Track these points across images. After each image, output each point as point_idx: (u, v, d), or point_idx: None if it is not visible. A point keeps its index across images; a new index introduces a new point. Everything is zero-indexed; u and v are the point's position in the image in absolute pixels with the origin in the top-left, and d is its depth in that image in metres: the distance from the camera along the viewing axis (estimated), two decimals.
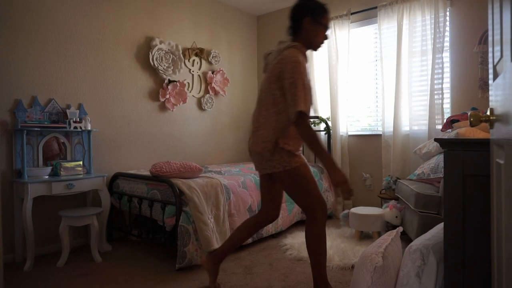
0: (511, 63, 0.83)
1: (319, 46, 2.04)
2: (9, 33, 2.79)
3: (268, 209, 2.20)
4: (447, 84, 3.48)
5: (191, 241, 2.54)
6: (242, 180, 3.14)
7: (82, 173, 3.00)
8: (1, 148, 2.76)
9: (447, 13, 3.43)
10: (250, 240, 3.03)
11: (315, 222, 1.99)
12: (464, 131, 2.47)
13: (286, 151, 1.95)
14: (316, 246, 1.99)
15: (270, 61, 2.02)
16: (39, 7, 2.94)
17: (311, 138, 1.85)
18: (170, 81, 3.87)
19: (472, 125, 1.15)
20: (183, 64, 3.97)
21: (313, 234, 2.00)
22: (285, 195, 3.50)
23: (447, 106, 3.49)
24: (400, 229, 1.91)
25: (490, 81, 1.21)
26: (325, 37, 2.02)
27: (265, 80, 1.99)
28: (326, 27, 2.00)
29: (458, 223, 1.40)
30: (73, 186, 2.84)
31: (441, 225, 1.80)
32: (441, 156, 2.82)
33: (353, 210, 3.20)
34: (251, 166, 3.96)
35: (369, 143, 4.04)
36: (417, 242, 1.61)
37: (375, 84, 4.03)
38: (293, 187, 2.00)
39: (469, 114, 1.16)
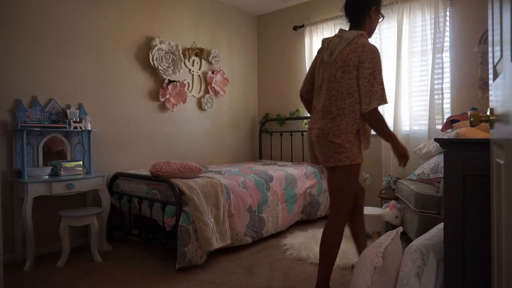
0: (511, 63, 0.83)
1: (373, 34, 2.11)
2: (9, 33, 2.79)
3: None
4: (447, 84, 3.47)
5: (191, 241, 2.54)
6: (242, 180, 3.14)
7: (82, 173, 3.00)
8: (1, 148, 2.75)
9: (447, 13, 3.43)
10: (250, 240, 3.03)
11: (340, 221, 2.00)
12: (464, 131, 2.47)
13: (359, 144, 1.98)
14: (331, 245, 2.00)
15: (334, 49, 1.97)
16: (39, 7, 2.94)
17: (382, 122, 1.92)
18: (170, 81, 3.87)
19: (472, 125, 1.15)
20: (183, 64, 3.97)
21: (332, 232, 2.00)
22: (285, 196, 3.50)
23: (447, 106, 3.49)
24: (400, 229, 1.91)
25: (490, 81, 1.21)
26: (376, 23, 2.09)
27: (336, 68, 1.94)
28: (382, 16, 2.09)
29: (458, 223, 1.40)
30: (73, 186, 2.84)
31: (441, 225, 1.80)
32: (441, 156, 2.82)
33: None
34: (251, 166, 3.96)
35: None
36: (417, 242, 1.61)
37: None
38: (343, 182, 1.96)
39: (469, 114, 1.16)
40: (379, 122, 1.91)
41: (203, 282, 2.36)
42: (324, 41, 2.10)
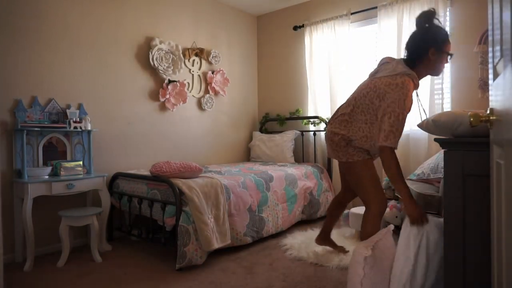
0: (511, 63, 0.83)
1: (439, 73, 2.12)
2: (9, 33, 2.78)
3: None
4: (447, 84, 3.47)
5: (191, 241, 2.54)
6: (242, 180, 3.14)
7: (82, 173, 3.00)
8: (1, 148, 2.75)
9: (447, 13, 3.43)
10: (250, 240, 3.03)
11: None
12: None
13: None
14: None
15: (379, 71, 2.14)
16: (39, 7, 2.94)
17: (393, 167, 2.03)
18: (170, 81, 3.87)
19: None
20: (183, 64, 3.97)
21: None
22: (285, 196, 3.50)
23: (447, 106, 3.49)
24: (392, 226, 1.92)
25: (490, 81, 1.21)
26: (447, 61, 2.04)
27: (369, 87, 2.09)
28: (449, 54, 2.01)
29: (458, 223, 1.40)
30: (73, 186, 2.84)
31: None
32: (441, 156, 2.82)
33: (353, 210, 3.19)
34: (251, 166, 3.96)
35: None
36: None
37: None
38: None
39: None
40: (389, 164, 1.96)
41: (203, 282, 2.36)
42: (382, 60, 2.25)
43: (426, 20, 1.96)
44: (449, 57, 2.01)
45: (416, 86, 2.04)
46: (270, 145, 4.50)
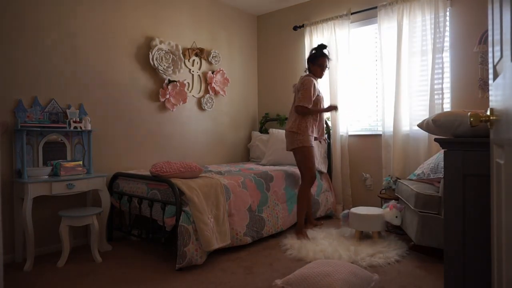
0: (511, 63, 0.83)
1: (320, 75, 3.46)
2: (9, 33, 2.78)
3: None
4: (447, 84, 3.47)
5: (191, 241, 2.54)
6: (242, 180, 3.14)
7: (82, 173, 3.00)
8: (1, 148, 2.75)
9: (447, 13, 3.43)
10: (250, 240, 3.03)
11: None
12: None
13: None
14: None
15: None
16: (39, 7, 2.94)
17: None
18: (170, 81, 3.87)
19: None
20: (183, 64, 3.97)
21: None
22: (285, 196, 3.50)
23: (447, 106, 3.49)
24: None
25: (490, 81, 1.21)
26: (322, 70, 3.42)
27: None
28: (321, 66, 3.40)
29: (458, 223, 1.40)
30: (73, 186, 2.84)
31: None
32: (441, 156, 2.82)
33: (353, 210, 3.19)
34: (251, 166, 3.96)
35: (369, 143, 4.04)
36: None
37: (375, 84, 4.03)
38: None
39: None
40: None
41: (203, 282, 2.36)
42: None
43: (313, 48, 3.46)
44: (326, 68, 3.43)
45: (315, 79, 3.37)
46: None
